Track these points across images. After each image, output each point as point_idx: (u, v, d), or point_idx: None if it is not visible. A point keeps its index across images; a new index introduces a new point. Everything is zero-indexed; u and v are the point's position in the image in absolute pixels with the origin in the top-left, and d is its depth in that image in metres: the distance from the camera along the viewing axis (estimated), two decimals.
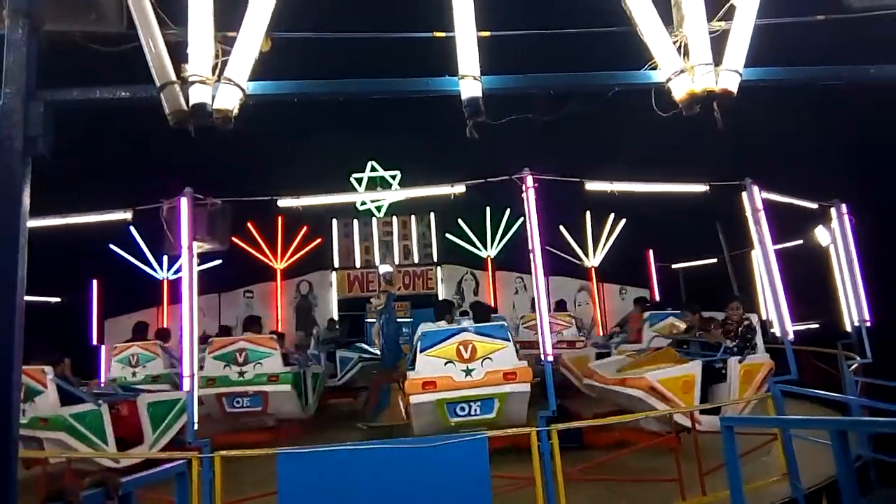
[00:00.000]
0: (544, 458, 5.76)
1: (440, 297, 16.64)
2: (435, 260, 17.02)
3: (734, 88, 3.25)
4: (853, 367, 8.68)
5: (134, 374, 10.21)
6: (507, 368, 7.20)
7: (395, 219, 17.03)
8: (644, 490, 6.32)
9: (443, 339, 7.41)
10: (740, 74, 3.28)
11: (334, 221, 16.87)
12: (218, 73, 3.12)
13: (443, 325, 8.00)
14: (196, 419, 6.19)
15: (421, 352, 7.43)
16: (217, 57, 3.13)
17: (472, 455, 5.47)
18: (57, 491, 3.17)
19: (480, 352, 7.29)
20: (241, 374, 8.93)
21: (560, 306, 13.34)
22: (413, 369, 7.37)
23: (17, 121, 2.87)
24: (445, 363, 7.26)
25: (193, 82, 3.05)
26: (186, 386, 6.21)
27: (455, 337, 7.40)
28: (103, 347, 14.00)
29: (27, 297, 3.06)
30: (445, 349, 7.32)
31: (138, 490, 3.94)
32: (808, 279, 10.52)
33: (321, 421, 10.41)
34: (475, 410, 7.25)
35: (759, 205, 7.45)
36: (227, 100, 3.06)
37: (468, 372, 7.22)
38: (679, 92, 3.23)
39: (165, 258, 14.76)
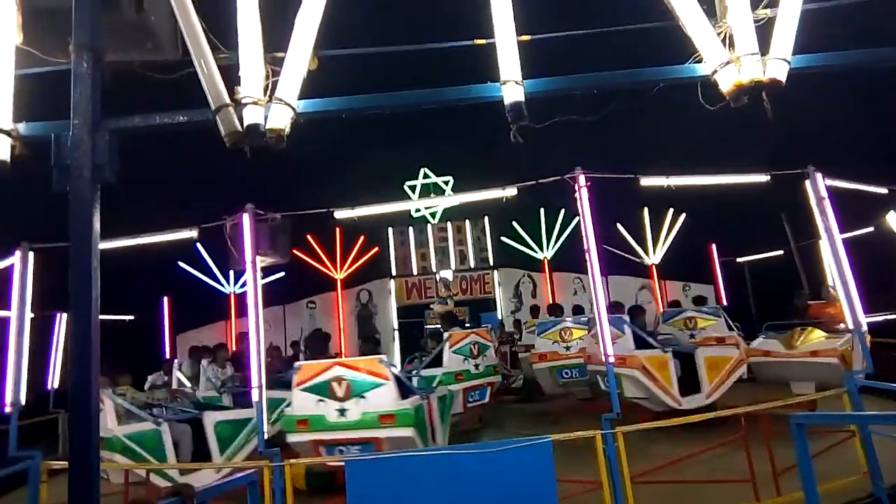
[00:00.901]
0: (611, 461, 5.70)
1: (498, 301, 16.67)
2: (491, 264, 17.04)
3: (783, 77, 3.16)
4: None
5: None
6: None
7: (449, 224, 17.13)
8: (716, 491, 6.17)
9: (550, 327, 11.15)
10: (788, 63, 3.19)
11: (390, 230, 17.10)
12: (269, 93, 3.24)
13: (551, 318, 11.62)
14: (266, 428, 6.37)
15: (538, 335, 11.20)
16: (268, 78, 3.26)
17: (537, 459, 5.46)
18: (136, 500, 3.35)
19: (574, 335, 10.79)
20: (477, 366, 9.23)
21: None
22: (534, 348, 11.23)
23: (85, 150, 3.04)
24: (553, 342, 10.92)
25: (246, 104, 3.17)
26: (256, 396, 6.39)
27: (558, 325, 11.10)
28: (176, 361, 14.54)
29: (103, 316, 3.22)
30: (552, 334, 11.06)
31: (212, 500, 4.09)
32: (881, 267, 10.09)
33: None
34: (575, 374, 10.55)
35: (824, 193, 7.19)
36: (279, 119, 3.18)
37: (568, 348, 10.69)
38: (726, 84, 3.17)
39: (231, 273, 15.23)
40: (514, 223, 17.07)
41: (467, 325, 14.47)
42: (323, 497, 6.55)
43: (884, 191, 8.74)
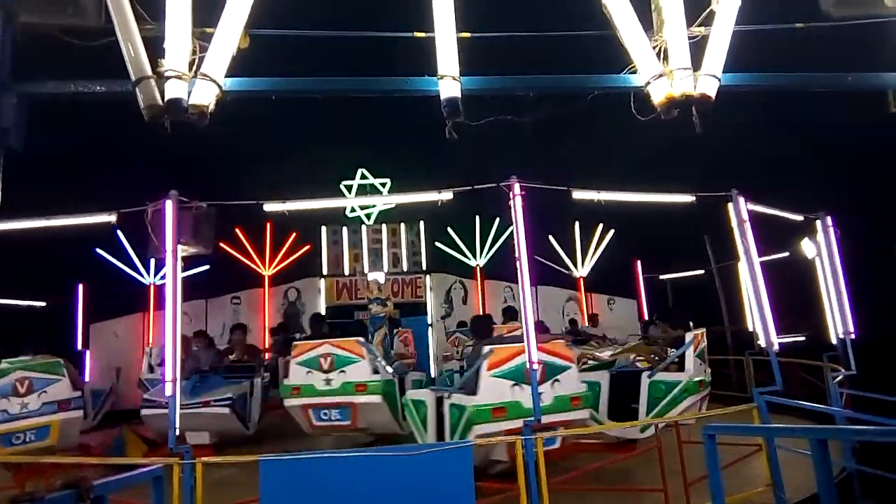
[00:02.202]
0: (528, 467, 5.72)
1: (429, 306, 16.65)
2: (424, 268, 16.98)
3: (712, 93, 3.24)
4: (838, 379, 8.67)
5: None
6: None
7: (384, 227, 16.99)
8: (630, 500, 6.28)
9: None
10: (719, 79, 3.28)
11: (323, 229, 16.81)
12: (195, 69, 3.10)
13: None
14: (177, 424, 6.11)
15: None
16: (194, 53, 3.12)
17: (457, 463, 5.43)
18: (25, 493, 3.11)
19: None
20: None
21: None
22: None
23: None
24: None
25: (169, 77, 3.03)
26: (169, 391, 6.12)
27: None
28: (88, 353, 13.90)
29: (11, 301, 3.00)
30: None
31: (113, 495, 3.86)
32: (794, 292, 10.57)
33: None
34: None
35: (745, 216, 7.45)
36: (203, 95, 3.04)
37: None
38: (658, 96, 3.23)
39: (153, 263, 14.67)
40: (449, 229, 17.10)
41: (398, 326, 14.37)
42: (233, 497, 6.33)
43: (800, 218, 9.15)
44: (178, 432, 6.07)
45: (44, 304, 14.40)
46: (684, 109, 3.23)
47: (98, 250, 14.36)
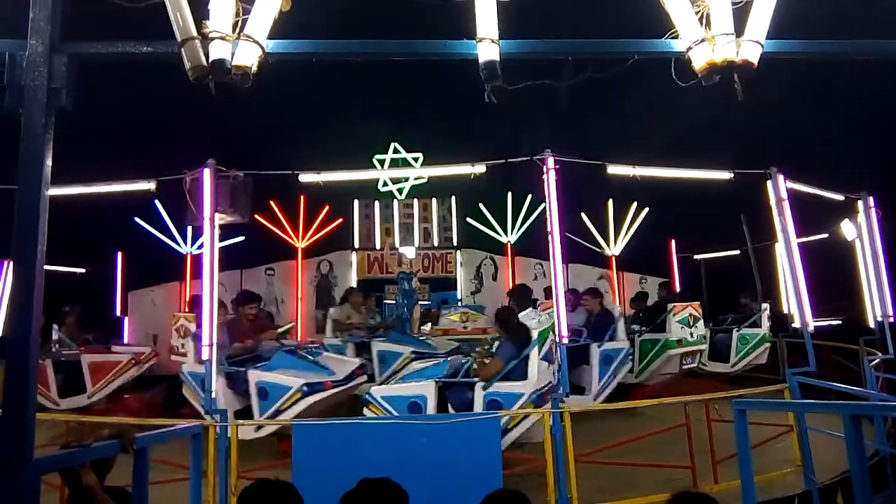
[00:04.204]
0: (556, 440, 5.78)
1: (459, 281, 16.70)
2: (455, 244, 16.99)
3: (755, 59, 3.19)
4: (874, 363, 8.53)
5: None
6: None
7: (416, 201, 17.01)
8: (656, 476, 6.30)
9: None
10: (762, 46, 3.22)
11: (355, 202, 16.91)
12: (238, 30, 3.16)
13: None
14: (214, 388, 6.30)
15: None
16: (238, 15, 3.17)
17: (485, 434, 5.52)
18: (74, 440, 3.27)
19: None
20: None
21: None
22: None
23: (41, 72, 2.92)
24: None
25: (213, 38, 3.09)
26: (206, 355, 6.31)
27: None
28: (126, 319, 14.29)
29: (54, 267, 3.09)
30: None
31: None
32: (833, 274, 10.37)
33: None
34: None
35: (784, 194, 7.33)
36: (246, 56, 3.10)
37: None
38: (699, 61, 3.19)
39: (190, 233, 14.93)
40: (481, 205, 17.05)
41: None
42: (265, 459, 6.52)
43: (840, 198, 8.96)
44: (213, 394, 6.29)
45: (84, 270, 14.82)
46: (725, 77, 3.19)
47: (137, 219, 14.66)
